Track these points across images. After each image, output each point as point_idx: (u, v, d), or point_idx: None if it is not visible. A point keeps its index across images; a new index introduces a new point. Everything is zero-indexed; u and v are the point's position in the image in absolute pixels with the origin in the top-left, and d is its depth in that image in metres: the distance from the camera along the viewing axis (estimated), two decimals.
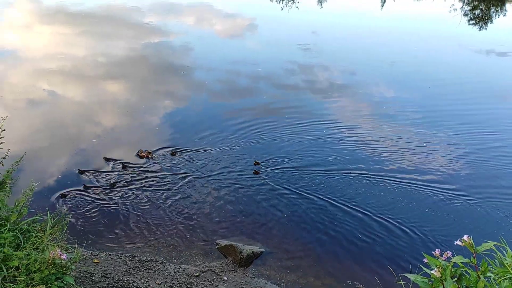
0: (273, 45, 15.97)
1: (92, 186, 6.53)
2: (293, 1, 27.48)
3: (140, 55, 13.87)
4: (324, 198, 6.48)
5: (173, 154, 7.58)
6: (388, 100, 10.59)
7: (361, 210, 6.21)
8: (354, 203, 6.36)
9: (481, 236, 5.39)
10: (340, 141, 8.30)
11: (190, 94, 10.72)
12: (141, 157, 7.49)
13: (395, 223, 5.95)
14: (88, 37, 16.24)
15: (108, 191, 6.46)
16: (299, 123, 8.99)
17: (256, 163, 7.39)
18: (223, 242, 5.48)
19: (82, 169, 6.99)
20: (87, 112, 9.32)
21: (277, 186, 6.78)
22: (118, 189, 6.53)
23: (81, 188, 6.48)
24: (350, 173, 7.18)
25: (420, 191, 6.71)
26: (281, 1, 27.56)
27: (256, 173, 7.15)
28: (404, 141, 8.38)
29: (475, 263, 2.44)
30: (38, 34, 16.39)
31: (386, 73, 12.83)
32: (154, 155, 7.57)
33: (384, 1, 28.24)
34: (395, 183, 6.90)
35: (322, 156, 7.73)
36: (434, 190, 6.75)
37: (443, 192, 6.70)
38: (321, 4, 26.62)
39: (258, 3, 27.18)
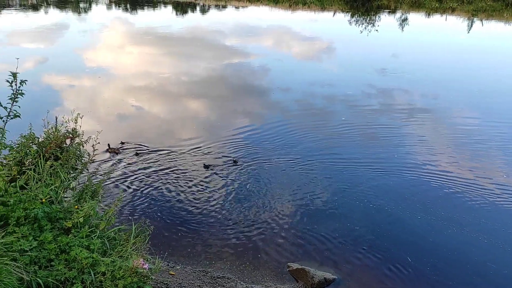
0: (352, 68, 15.80)
1: (168, 199, 6.81)
2: (373, 25, 27.11)
3: (221, 75, 14.40)
4: (406, 230, 6.18)
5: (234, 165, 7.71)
6: (472, 129, 9.96)
7: (443, 242, 5.83)
8: (433, 235, 6.00)
9: None
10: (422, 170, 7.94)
11: (267, 113, 10.84)
12: (110, 152, 8.26)
13: (486, 259, 5.51)
14: (173, 57, 17.22)
15: (183, 203, 6.68)
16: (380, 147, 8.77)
17: (234, 162, 8.09)
18: (295, 265, 5.40)
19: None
20: (168, 127, 9.80)
21: (355, 211, 6.59)
22: (193, 202, 6.72)
23: (159, 201, 6.78)
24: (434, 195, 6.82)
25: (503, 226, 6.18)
26: (360, 25, 27.32)
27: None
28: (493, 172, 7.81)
29: None
30: (129, 54, 17.66)
31: (472, 101, 12.11)
32: (120, 151, 8.37)
33: (471, 25, 26.90)
34: (477, 215, 6.42)
35: (409, 183, 7.44)
36: None
37: None
38: (402, 28, 25.98)
39: (336, 26, 27.17)
